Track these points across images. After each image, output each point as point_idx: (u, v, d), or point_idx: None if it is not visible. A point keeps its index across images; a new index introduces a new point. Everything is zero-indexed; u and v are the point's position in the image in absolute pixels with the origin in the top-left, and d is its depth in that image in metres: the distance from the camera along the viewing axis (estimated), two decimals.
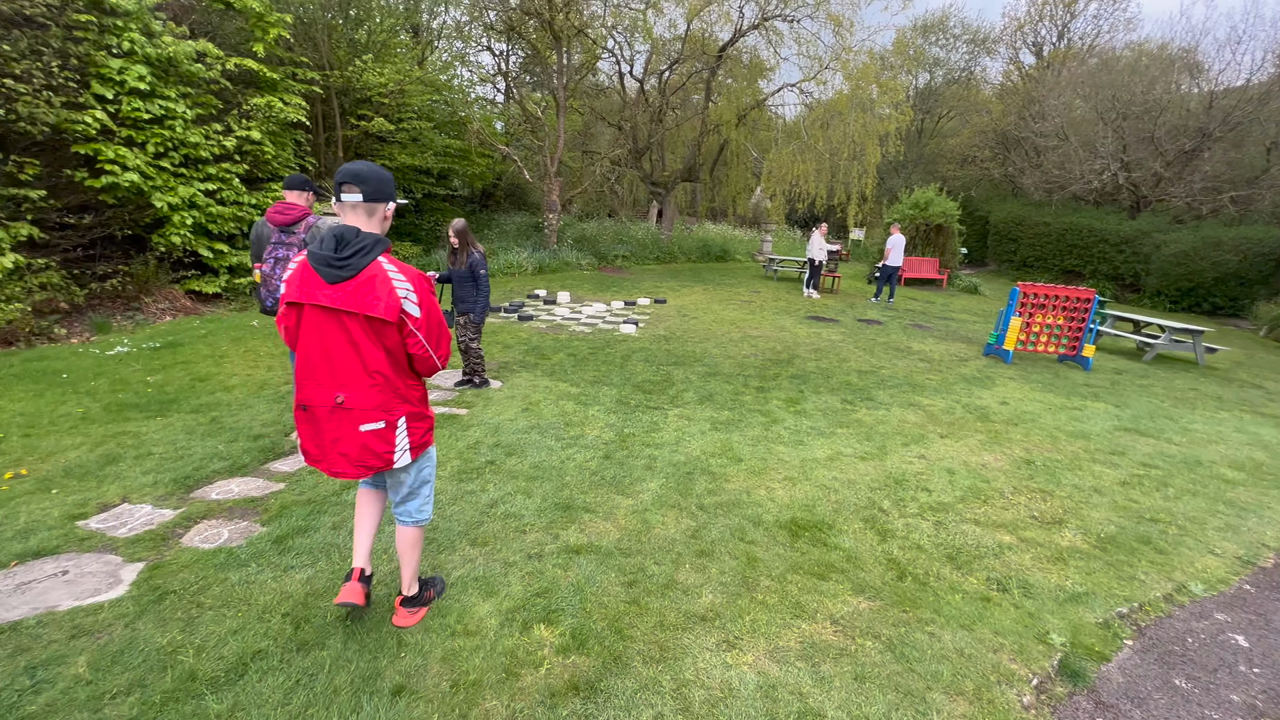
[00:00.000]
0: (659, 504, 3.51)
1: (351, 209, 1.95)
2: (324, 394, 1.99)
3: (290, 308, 1.97)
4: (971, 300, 15.25)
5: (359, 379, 1.98)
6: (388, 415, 2.05)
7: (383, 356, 1.99)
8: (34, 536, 2.76)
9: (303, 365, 2.00)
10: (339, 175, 1.94)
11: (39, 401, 4.46)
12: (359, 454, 2.04)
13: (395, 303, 1.93)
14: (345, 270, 1.89)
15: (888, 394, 6.27)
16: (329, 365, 1.97)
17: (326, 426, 2.02)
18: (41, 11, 6.07)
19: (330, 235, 1.91)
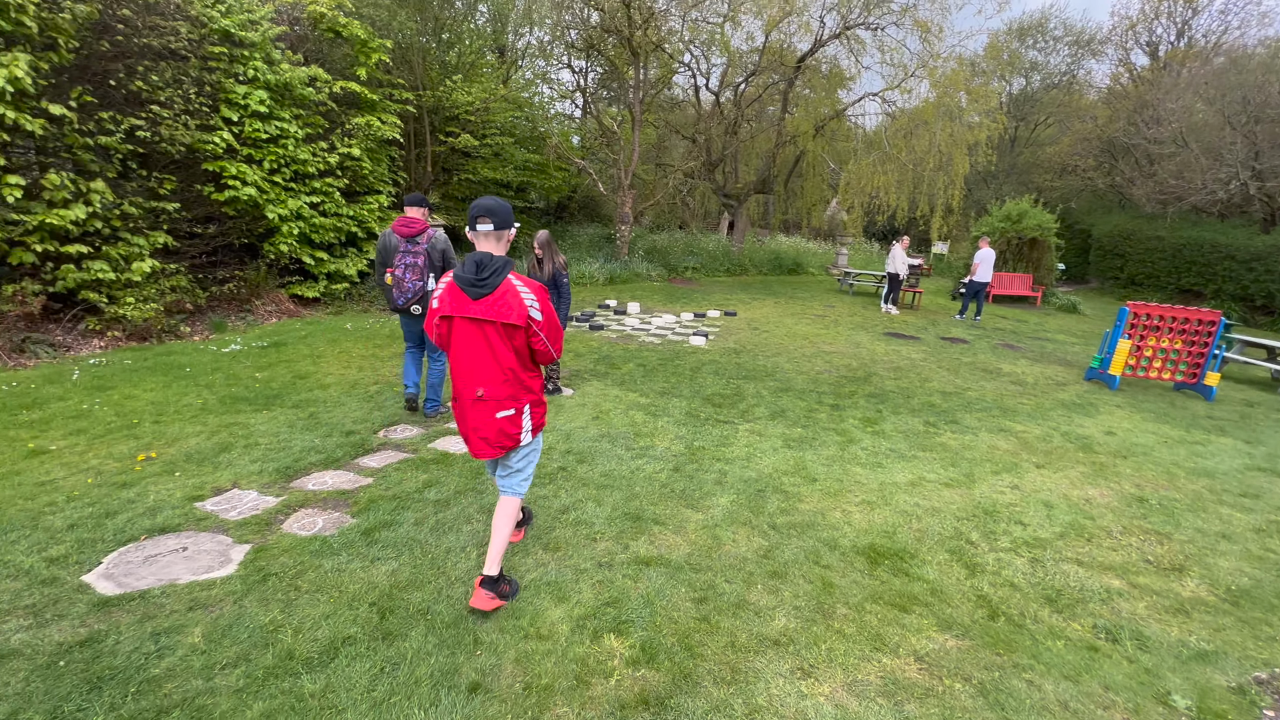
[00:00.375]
0: (730, 520, 3.44)
1: (484, 236, 2.36)
2: (469, 389, 2.45)
3: (443, 320, 2.42)
4: (1069, 320, 14.13)
5: (494, 375, 2.42)
6: (516, 404, 2.49)
7: (512, 356, 2.43)
8: (160, 514, 3.06)
9: (454, 365, 2.48)
10: (474, 210, 2.35)
11: (167, 392, 4.96)
12: (496, 437, 2.49)
13: (524, 310, 2.35)
14: (485, 288, 2.33)
15: (975, 418, 5.89)
16: (472, 366, 2.42)
17: (469, 415, 2.49)
18: (184, 45, 6.82)
19: (471, 261, 2.35)
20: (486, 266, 2.33)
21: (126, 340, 6.39)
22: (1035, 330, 12.07)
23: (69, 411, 4.38)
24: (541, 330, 2.43)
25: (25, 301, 5.72)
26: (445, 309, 2.39)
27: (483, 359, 2.41)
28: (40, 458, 3.61)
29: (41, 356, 5.64)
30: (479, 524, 3.17)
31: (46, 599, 2.37)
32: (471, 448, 2.54)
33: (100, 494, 3.23)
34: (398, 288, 4.38)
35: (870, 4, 14.47)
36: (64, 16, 5.60)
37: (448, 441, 4.35)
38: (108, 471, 3.49)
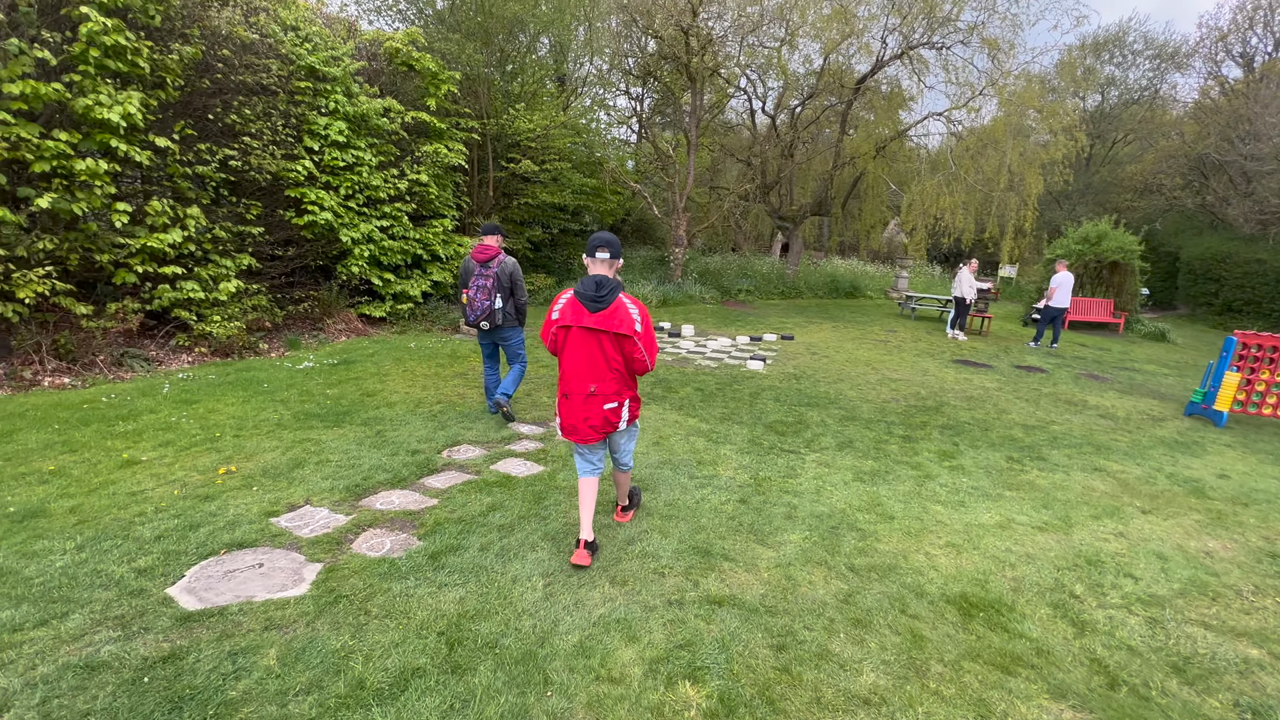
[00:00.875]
0: (804, 559, 3.24)
1: (600, 263, 2.90)
2: (582, 386, 2.95)
3: (561, 329, 2.95)
4: (1158, 349, 13.11)
5: (605, 375, 2.94)
6: (619, 398, 3.02)
7: (620, 360, 2.95)
8: (238, 529, 3.13)
9: (568, 367, 2.97)
10: (594, 241, 2.90)
11: (246, 407, 5.17)
12: (601, 424, 3.00)
13: (631, 323, 2.87)
14: (602, 304, 2.86)
15: (1064, 454, 5.44)
16: (587, 367, 2.93)
17: (581, 408, 2.97)
18: (275, 81, 7.30)
19: (591, 281, 2.88)
20: (604, 286, 2.87)
21: (211, 355, 6.76)
22: (1120, 360, 11.24)
23: (159, 424, 4.62)
24: (640, 341, 2.90)
25: (126, 319, 6.15)
26: (565, 320, 2.91)
27: (596, 362, 2.93)
28: (133, 468, 3.80)
29: (137, 370, 6.02)
30: (544, 552, 3.10)
31: (134, 610, 2.43)
32: (579, 435, 3.03)
33: (185, 506, 3.34)
34: (470, 306, 4.90)
35: (934, 24, 14.16)
36: (172, 58, 6.09)
37: (509, 464, 4.33)
38: (192, 484, 3.63)
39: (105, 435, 4.31)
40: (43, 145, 5.29)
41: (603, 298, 2.85)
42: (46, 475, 3.62)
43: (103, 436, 4.28)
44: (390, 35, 9.84)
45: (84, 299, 6.07)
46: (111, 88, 5.63)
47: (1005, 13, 12.37)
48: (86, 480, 3.57)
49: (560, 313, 2.92)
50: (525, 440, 4.86)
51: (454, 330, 9.85)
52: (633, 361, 2.94)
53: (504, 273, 4.85)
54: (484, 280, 4.81)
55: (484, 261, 4.82)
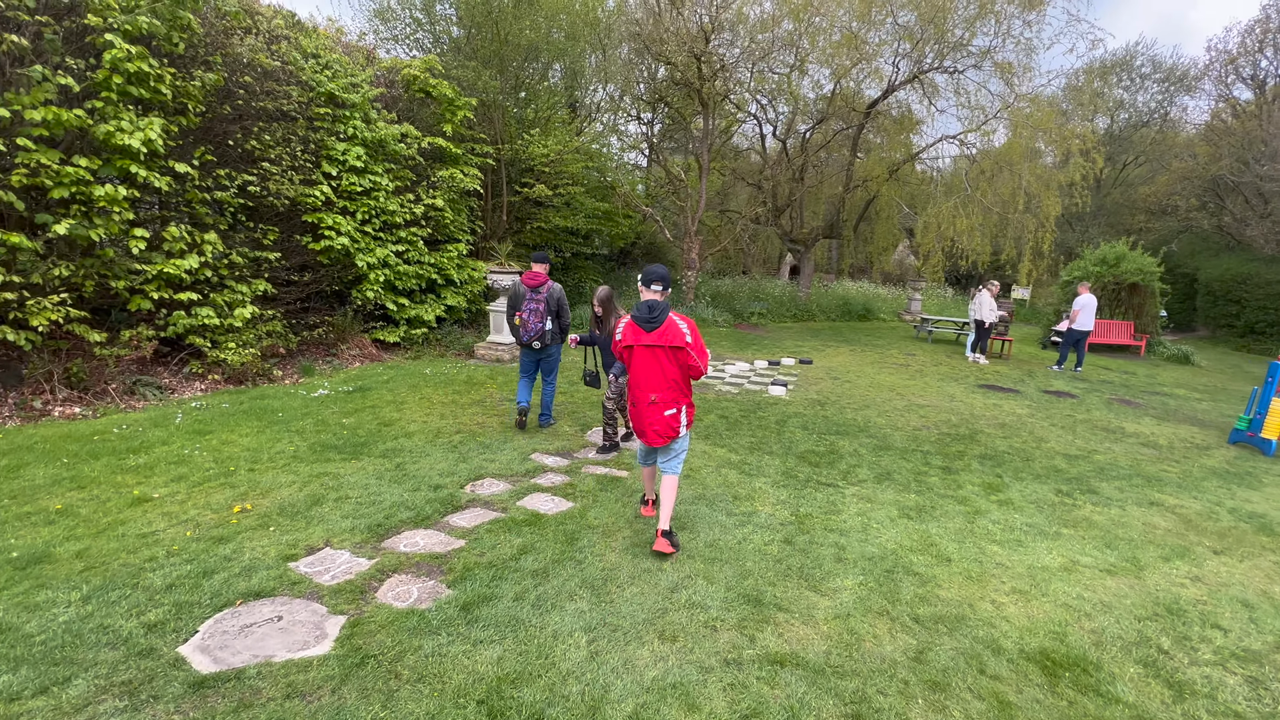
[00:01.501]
0: (863, 609, 2.98)
1: (652, 291, 3.41)
2: (645, 396, 3.41)
3: (625, 349, 3.46)
4: (1183, 372, 12.80)
5: (663, 385, 3.39)
6: (677, 405, 3.44)
7: (676, 371, 3.39)
8: (255, 575, 2.92)
9: (634, 380, 3.47)
10: (648, 274, 3.42)
11: (260, 437, 4.99)
12: (664, 429, 3.43)
13: (681, 335, 3.32)
14: (655, 323, 3.34)
15: (1114, 487, 5.17)
16: (648, 379, 3.40)
17: (646, 415, 3.44)
18: (295, 108, 7.29)
19: (645, 305, 3.37)
20: (655, 308, 3.36)
21: (225, 383, 6.61)
22: (1148, 384, 10.95)
23: (171, 456, 4.43)
24: (693, 350, 3.34)
25: (139, 346, 6.02)
26: (628, 340, 3.42)
27: (655, 374, 3.38)
28: (143, 506, 3.60)
29: (149, 398, 5.87)
30: (584, 602, 2.86)
31: (143, 675, 2.21)
32: (647, 439, 3.49)
33: (198, 549, 3.13)
34: (524, 328, 5.31)
35: (945, 49, 14.21)
36: (195, 84, 6.06)
37: (536, 500, 4.11)
38: (205, 524, 3.42)
39: (116, 470, 4.12)
40: (62, 171, 5.23)
41: (655, 318, 3.34)
42: (53, 515, 3.42)
43: (113, 471, 4.10)
44: (408, 63, 9.90)
45: (98, 326, 5.95)
46: (133, 114, 5.58)
47: (1019, 36, 12.39)
48: (95, 520, 3.38)
49: (623, 335, 3.46)
50: (551, 473, 4.65)
51: (468, 355, 9.70)
52: (688, 369, 3.41)
53: (552, 297, 5.33)
54: (535, 304, 5.26)
55: (534, 287, 5.29)
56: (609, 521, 3.79)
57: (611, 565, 3.23)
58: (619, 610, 2.81)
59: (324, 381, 7.16)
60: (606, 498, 4.19)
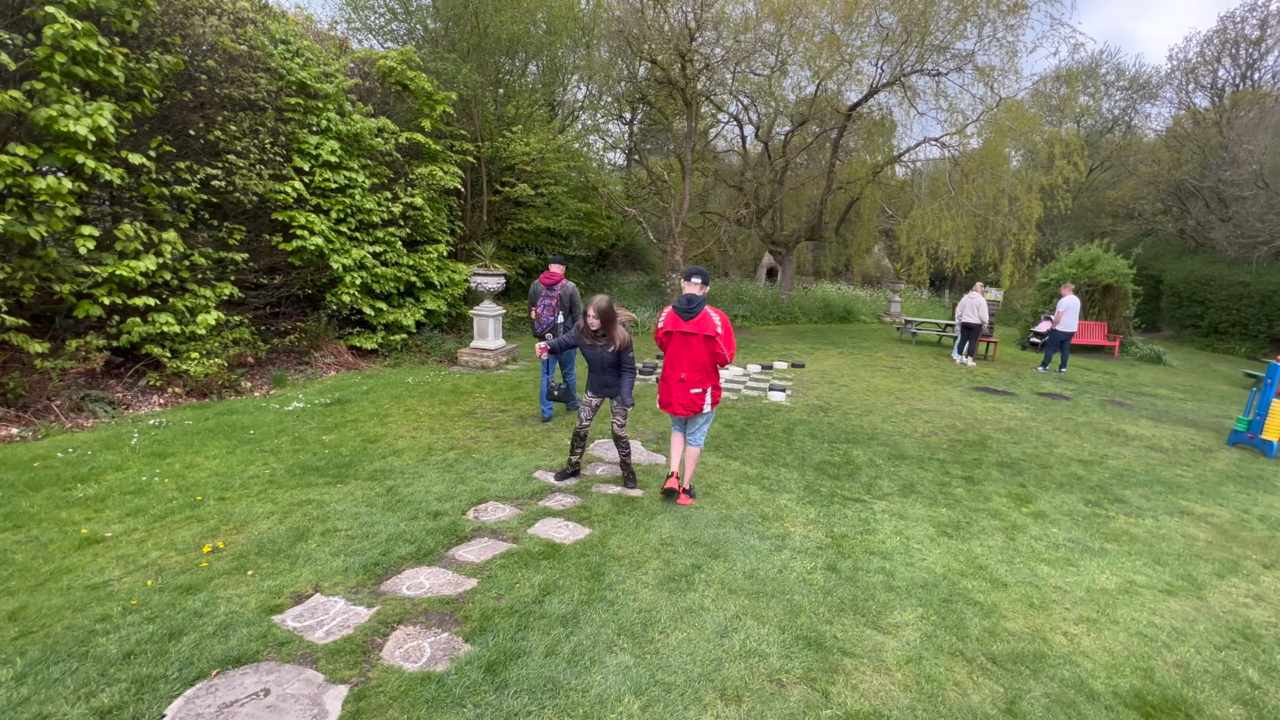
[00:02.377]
0: (934, 649, 2.68)
1: (693, 285, 3.91)
2: (676, 374, 3.92)
3: (665, 334, 3.99)
4: (1158, 372, 13.05)
5: (693, 367, 3.89)
6: (702, 386, 3.93)
7: (706, 356, 3.88)
8: (233, 635, 2.46)
9: (668, 360, 3.99)
10: (690, 271, 3.91)
11: (230, 459, 4.46)
12: (689, 405, 3.95)
13: (713, 326, 3.81)
14: (692, 314, 3.84)
15: (1138, 494, 5.02)
16: (680, 361, 3.92)
17: (674, 390, 3.96)
18: (263, 96, 6.71)
19: (685, 298, 3.88)
20: (693, 301, 3.87)
21: (187, 397, 6.00)
22: (1130, 384, 11.07)
23: (126, 485, 3.89)
24: (720, 339, 3.84)
25: (88, 357, 5.39)
26: (668, 326, 3.98)
27: (687, 357, 3.91)
28: (93, 548, 3.08)
29: (100, 416, 5.25)
30: (626, 655, 2.49)
31: None
32: (672, 409, 4.04)
33: (162, 602, 2.65)
34: (538, 321, 5.86)
35: (926, 52, 14.26)
36: (150, 67, 5.47)
37: (549, 526, 3.71)
38: (170, 568, 2.93)
39: (60, 503, 3.57)
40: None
41: (692, 309, 3.87)
42: None
43: (56, 505, 3.54)
44: (384, 54, 9.35)
45: (39, 335, 5.31)
46: (79, 98, 4.98)
47: (1002, 40, 12.46)
48: (33, 569, 2.85)
49: (664, 322, 4.01)
50: (559, 494, 4.25)
51: (450, 362, 9.19)
52: (717, 356, 3.89)
53: (565, 294, 5.87)
54: (549, 300, 5.80)
55: (549, 285, 5.85)
56: (634, 550, 3.42)
57: (648, 605, 2.86)
58: (668, 663, 2.44)
59: (298, 393, 6.60)
60: (626, 522, 3.81)
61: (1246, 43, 18.19)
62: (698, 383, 3.90)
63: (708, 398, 3.96)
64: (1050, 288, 15.57)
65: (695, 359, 3.88)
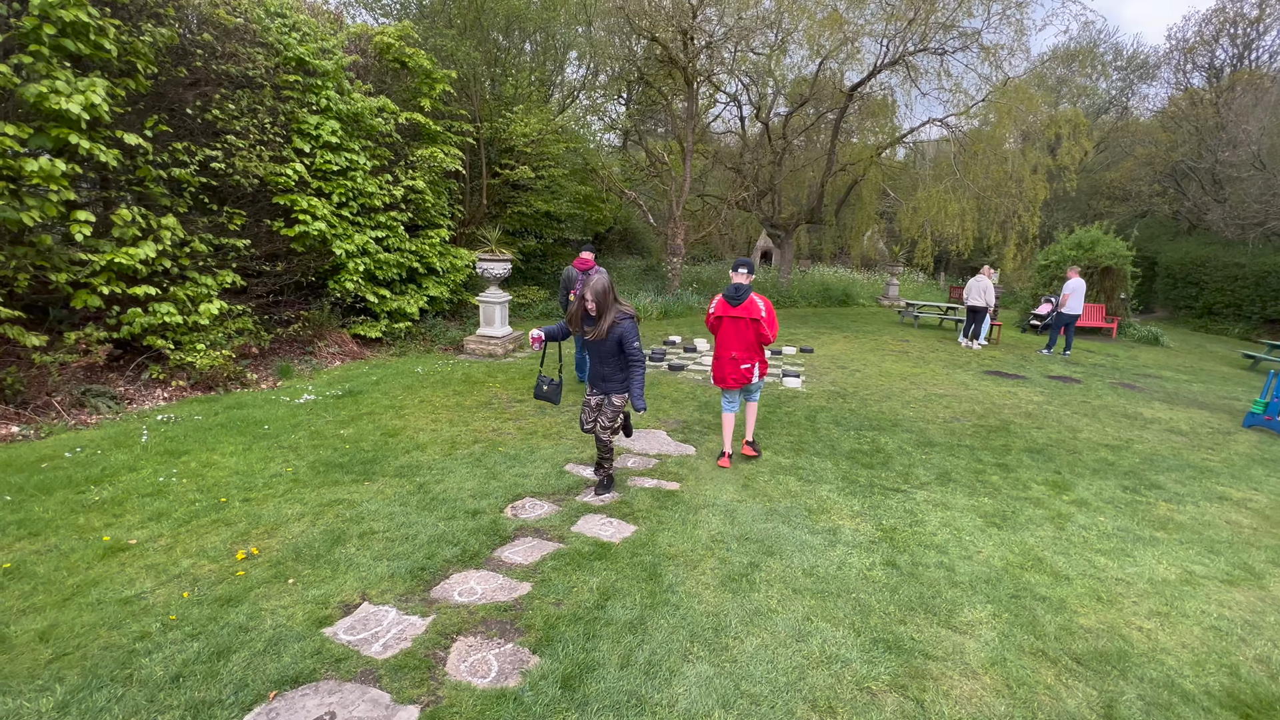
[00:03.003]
0: (1015, 649, 2.59)
1: (741, 275, 4.40)
2: (727, 353, 4.45)
3: (715, 318, 4.52)
4: (1158, 353, 13.12)
5: (741, 346, 4.42)
6: (750, 362, 4.47)
7: (752, 337, 4.40)
8: (285, 651, 2.30)
9: (720, 341, 4.50)
10: (738, 263, 4.41)
11: (249, 457, 4.26)
12: (740, 379, 4.48)
13: (758, 310, 4.34)
14: (739, 300, 4.37)
15: (1173, 480, 4.99)
16: (731, 341, 4.43)
17: (727, 368, 4.48)
18: (261, 73, 6.37)
19: (733, 286, 4.40)
20: (741, 289, 4.37)
21: (192, 390, 5.75)
22: (1133, 366, 11.11)
23: (143, 486, 3.68)
24: (764, 322, 4.33)
25: (89, 350, 5.12)
26: (719, 312, 4.48)
27: (736, 338, 4.41)
28: (119, 557, 2.89)
29: (103, 411, 5.00)
30: (704, 664, 2.36)
31: None
32: (726, 384, 4.52)
33: (203, 616, 2.48)
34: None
35: (929, 32, 14.02)
36: (144, 40, 5.14)
37: (593, 523, 3.57)
38: (205, 578, 2.76)
39: (75, 508, 3.36)
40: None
41: (739, 296, 4.39)
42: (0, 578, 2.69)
43: (72, 509, 3.34)
44: (380, 29, 8.96)
45: (35, 327, 5.02)
46: (70, 73, 4.65)
47: (1011, 17, 12.25)
48: (58, 581, 2.66)
49: (715, 308, 4.53)
50: (595, 489, 4.10)
51: (456, 350, 8.97)
52: (761, 337, 4.41)
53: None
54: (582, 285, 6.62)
55: (584, 270, 6.21)
56: (687, 549, 3.30)
57: (714, 607, 2.74)
58: (749, 672, 2.32)
59: (306, 384, 6.37)
60: (670, 518, 3.68)
61: (1245, 21, 18.13)
62: (746, 359, 4.45)
63: (756, 371, 4.52)
64: (1050, 270, 15.58)
65: (744, 339, 4.40)
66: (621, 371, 3.79)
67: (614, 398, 3.83)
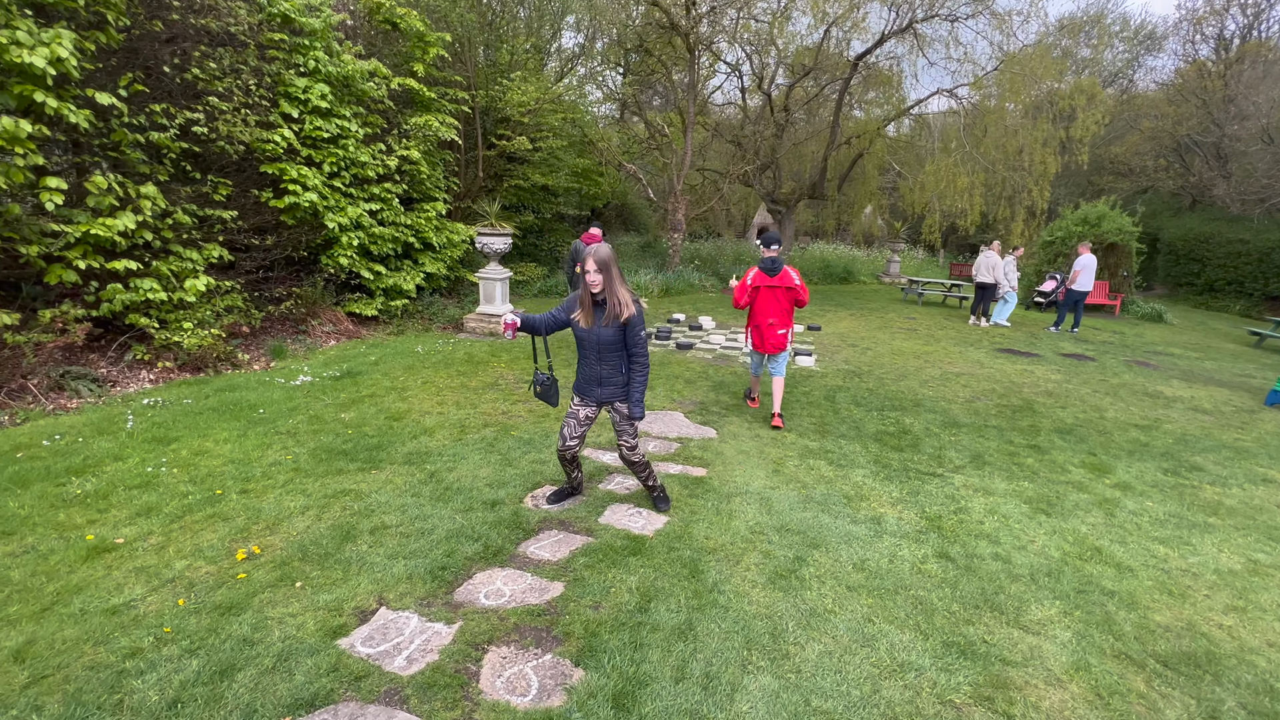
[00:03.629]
0: (1096, 651, 2.38)
1: (774, 250, 4.94)
2: (766, 320, 4.94)
3: (753, 289, 4.94)
4: (1163, 330, 13.00)
5: (779, 313, 4.93)
6: (785, 326, 4.98)
7: (788, 304, 4.95)
8: (297, 668, 2.04)
9: (758, 310, 4.97)
10: (768, 239, 5.01)
11: (244, 444, 3.96)
12: (779, 343, 4.98)
13: (792, 279, 4.88)
14: (775, 272, 4.87)
15: (1211, 461, 4.81)
16: (769, 309, 4.92)
17: (766, 334, 4.98)
18: (244, 30, 5.90)
19: (769, 259, 4.90)
20: (776, 262, 4.88)
21: (179, 371, 5.41)
22: (1141, 343, 10.97)
23: (130, 477, 3.38)
24: (798, 288, 4.89)
25: (66, 329, 4.76)
26: (756, 283, 4.92)
27: (774, 306, 4.92)
28: (105, 559, 2.61)
29: (84, 395, 4.67)
30: (767, 675, 2.13)
31: None
32: (765, 349, 5.03)
33: (201, 628, 2.21)
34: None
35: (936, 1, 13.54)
36: None
37: (620, 514, 3.32)
38: (202, 582, 2.48)
39: (55, 502, 3.06)
40: None
41: (775, 268, 4.86)
42: None
43: (51, 505, 3.03)
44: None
45: (7, 305, 4.65)
46: (32, 23, 4.21)
47: None
48: (36, 589, 2.38)
49: (753, 280, 4.92)
50: (619, 475, 3.85)
51: (456, 329, 8.64)
52: (797, 302, 4.96)
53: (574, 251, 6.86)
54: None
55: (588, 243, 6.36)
56: (725, 542, 3.06)
57: (765, 609, 2.51)
58: (817, 684, 2.10)
59: (302, 365, 6.03)
60: (703, 507, 3.44)
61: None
62: (783, 325, 4.94)
63: (789, 336, 5.02)
64: (1055, 246, 15.36)
65: (780, 306, 4.91)
66: (621, 371, 3.00)
67: (620, 405, 3.06)
